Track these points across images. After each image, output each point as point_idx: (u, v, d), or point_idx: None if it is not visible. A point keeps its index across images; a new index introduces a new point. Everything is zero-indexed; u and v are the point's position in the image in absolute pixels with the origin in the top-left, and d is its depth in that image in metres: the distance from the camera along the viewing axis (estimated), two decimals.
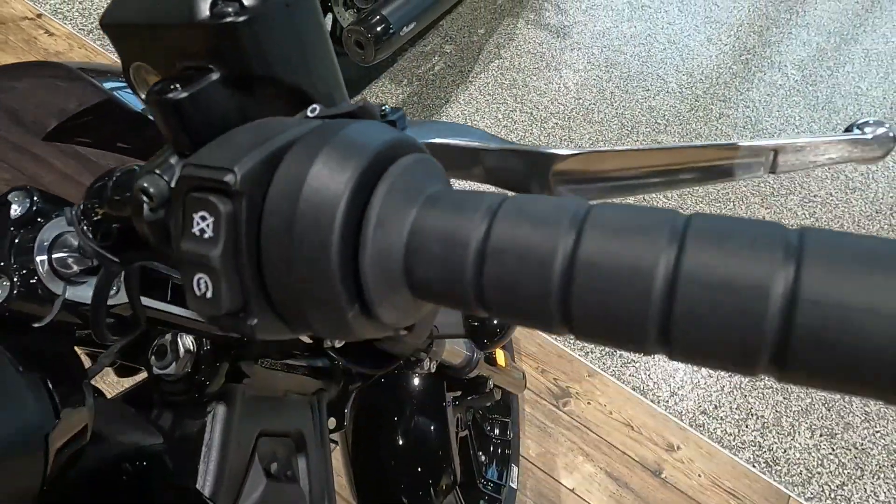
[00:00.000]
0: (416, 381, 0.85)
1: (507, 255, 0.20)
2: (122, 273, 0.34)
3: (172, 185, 0.24)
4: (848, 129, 0.27)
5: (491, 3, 2.60)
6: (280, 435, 0.58)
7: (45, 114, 0.35)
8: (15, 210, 0.32)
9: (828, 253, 0.17)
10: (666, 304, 0.17)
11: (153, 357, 0.46)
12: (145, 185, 0.23)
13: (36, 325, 0.33)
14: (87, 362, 0.42)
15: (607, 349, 1.61)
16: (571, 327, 0.19)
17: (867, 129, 0.26)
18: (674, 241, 0.18)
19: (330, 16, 1.92)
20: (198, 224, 0.21)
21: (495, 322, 0.61)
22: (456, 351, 0.77)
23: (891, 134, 0.26)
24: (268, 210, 0.21)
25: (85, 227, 0.29)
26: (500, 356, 0.91)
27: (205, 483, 0.47)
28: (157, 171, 0.24)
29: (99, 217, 0.28)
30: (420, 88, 2.24)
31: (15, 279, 0.31)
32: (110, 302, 0.35)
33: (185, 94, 0.23)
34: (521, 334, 1.61)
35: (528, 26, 2.54)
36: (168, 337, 0.46)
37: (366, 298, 0.21)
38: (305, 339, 0.58)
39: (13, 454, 0.31)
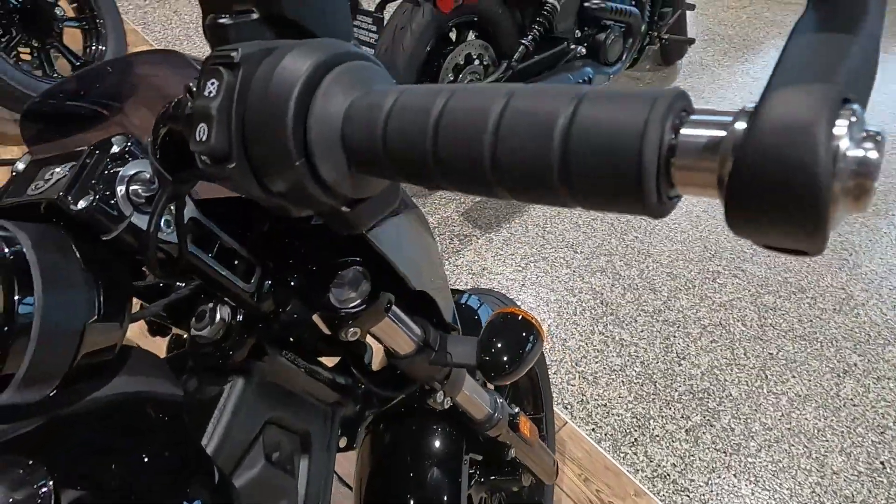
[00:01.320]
0: (435, 428, 0.85)
1: (402, 118, 0.26)
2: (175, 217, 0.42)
3: None
4: None
5: None
6: (288, 429, 0.61)
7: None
8: (114, 148, 0.41)
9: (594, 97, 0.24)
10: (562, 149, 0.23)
11: (193, 319, 0.52)
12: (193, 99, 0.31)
13: (104, 236, 0.40)
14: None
15: (659, 470, 1.50)
16: (497, 178, 0.25)
17: None
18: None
19: None
20: (208, 88, 0.28)
21: (504, 358, 0.63)
22: (477, 403, 0.78)
23: None
24: (254, 80, 0.28)
25: (152, 151, 0.37)
26: (525, 426, 0.90)
27: (209, 442, 0.51)
28: None
29: (162, 138, 0.36)
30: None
31: (97, 195, 0.39)
32: (164, 237, 0.42)
33: (230, 22, 0.32)
34: (568, 436, 1.55)
35: None
36: (209, 305, 0.52)
37: (309, 152, 0.28)
38: (330, 362, 0.63)
39: (57, 327, 0.37)
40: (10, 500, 0.38)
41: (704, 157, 0.22)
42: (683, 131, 0.22)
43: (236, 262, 0.50)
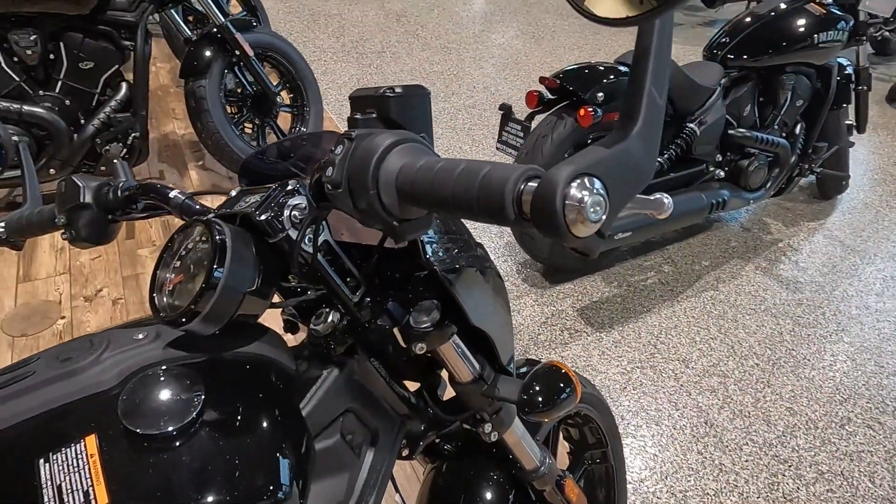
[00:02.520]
0: (488, 474, 0.95)
1: (423, 173, 0.45)
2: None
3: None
4: None
5: (724, 243, 2.73)
6: (363, 422, 0.77)
7: None
8: (289, 187, 0.64)
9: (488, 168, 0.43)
10: None
11: (314, 318, 0.72)
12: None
13: (271, 240, 0.62)
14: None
15: None
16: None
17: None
18: None
19: None
20: (338, 149, 0.49)
21: (539, 399, 0.74)
22: (525, 449, 0.88)
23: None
24: (359, 147, 0.48)
25: (308, 188, 0.58)
26: (573, 492, 0.96)
27: (304, 407, 0.69)
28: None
29: (315, 181, 0.57)
30: (627, 293, 2.41)
31: (272, 213, 0.62)
32: (305, 248, 0.63)
33: (361, 117, 0.54)
34: None
35: (757, 271, 2.57)
36: (326, 309, 0.72)
37: (378, 188, 0.47)
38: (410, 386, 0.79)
39: (231, 288, 0.59)
40: (179, 396, 0.59)
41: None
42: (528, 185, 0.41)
43: (348, 279, 0.70)
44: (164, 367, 0.61)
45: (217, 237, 0.60)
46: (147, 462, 0.55)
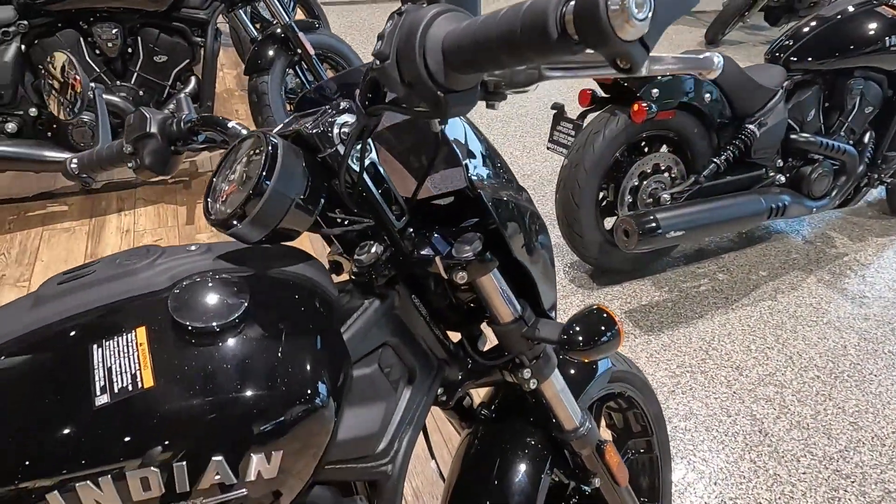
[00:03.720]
0: (526, 436, 0.93)
1: (465, 34, 0.46)
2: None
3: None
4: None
5: (783, 254, 2.62)
6: (401, 358, 0.77)
7: None
8: (341, 106, 0.66)
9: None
10: None
11: (357, 248, 0.73)
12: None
13: (319, 155, 0.64)
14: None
15: None
16: None
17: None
18: None
19: None
20: (387, 26, 0.51)
21: (580, 339, 0.72)
22: (565, 407, 0.86)
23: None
24: (407, 19, 0.49)
25: (359, 95, 0.60)
26: (613, 459, 0.93)
27: (344, 333, 0.70)
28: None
29: (366, 85, 0.59)
30: (677, 298, 2.33)
31: (322, 129, 0.63)
32: (352, 165, 0.65)
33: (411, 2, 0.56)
34: None
35: (820, 284, 2.45)
36: (370, 242, 0.73)
37: (424, 55, 0.47)
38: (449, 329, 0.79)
39: (278, 197, 0.61)
40: (225, 299, 0.61)
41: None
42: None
43: (393, 206, 0.70)
44: (212, 274, 0.63)
45: (268, 146, 0.62)
46: (191, 352, 0.57)
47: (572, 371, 1.01)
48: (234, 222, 0.61)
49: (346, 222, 0.73)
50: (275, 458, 0.57)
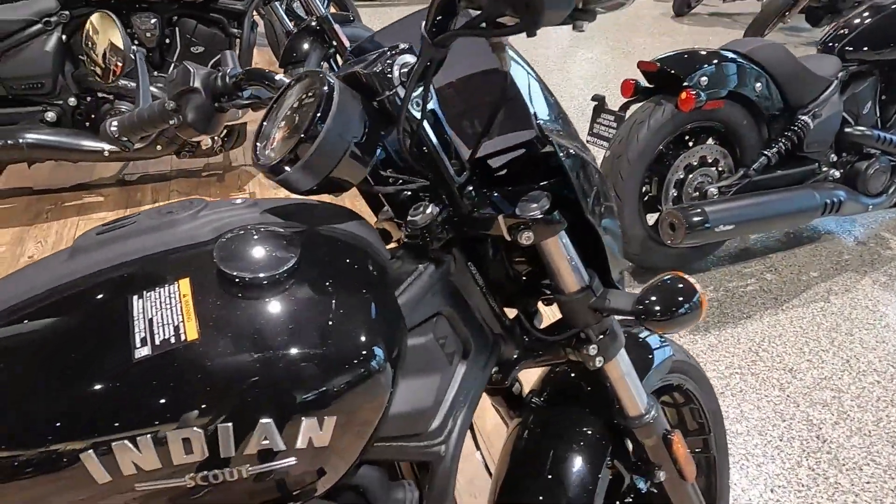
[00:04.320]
0: (580, 427, 0.85)
1: None
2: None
3: None
4: None
5: (835, 255, 2.49)
6: (455, 330, 0.71)
7: None
8: (399, 48, 0.60)
9: None
10: None
11: (411, 209, 0.68)
12: None
13: (377, 98, 0.59)
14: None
15: None
16: None
17: None
18: None
19: None
20: None
21: (658, 308, 0.65)
22: (631, 391, 0.79)
23: None
24: None
25: (426, 25, 0.54)
26: (681, 452, 0.85)
27: (398, 297, 0.64)
28: None
29: (434, 11, 0.53)
30: (724, 297, 2.23)
31: (381, 69, 0.58)
32: (413, 112, 0.59)
33: None
34: None
35: (875, 286, 2.32)
36: (425, 203, 0.68)
37: None
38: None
39: (331, 143, 0.56)
40: (274, 252, 0.55)
41: None
42: None
43: (453, 160, 0.65)
44: (259, 227, 0.58)
45: (324, 87, 0.57)
46: (238, 305, 0.52)
47: (631, 356, 0.94)
48: (285, 167, 0.56)
49: (398, 182, 0.68)
50: (327, 424, 0.51)
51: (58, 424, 0.47)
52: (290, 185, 0.58)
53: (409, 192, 0.69)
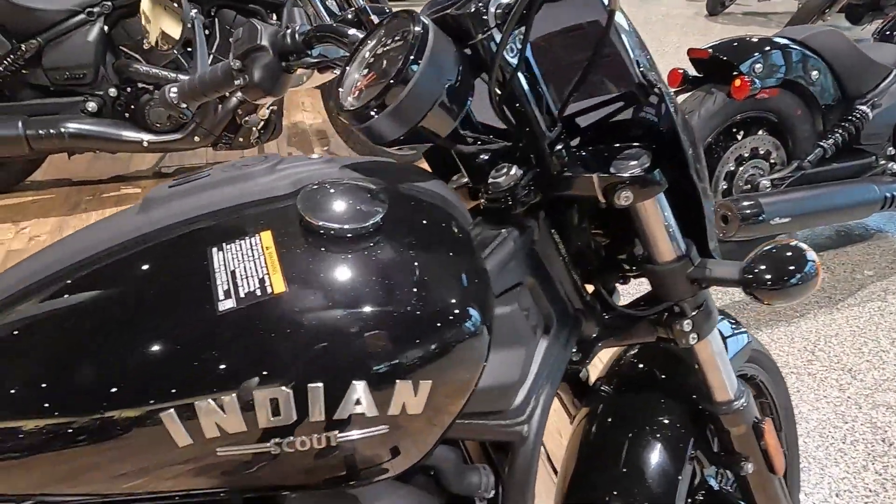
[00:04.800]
0: (658, 415, 0.79)
1: None
2: None
3: None
4: None
5: (890, 254, 2.38)
6: (537, 302, 0.66)
7: None
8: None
9: None
10: None
11: (493, 172, 0.63)
12: None
13: (470, 42, 0.55)
14: None
15: None
16: None
17: None
18: None
19: None
20: None
21: (768, 277, 0.59)
22: (721, 374, 0.73)
23: None
24: None
25: None
26: (772, 443, 0.78)
27: (485, 262, 0.59)
28: None
29: None
30: None
31: (474, 8, 0.54)
32: (507, 57, 0.55)
33: None
34: None
35: None
36: (508, 164, 0.63)
37: None
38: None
39: (421, 89, 0.51)
40: (359, 206, 0.51)
41: None
42: None
43: (545, 113, 0.60)
44: (342, 180, 0.54)
45: (417, 28, 0.53)
46: (327, 258, 0.48)
47: None
48: (372, 113, 0.52)
49: (479, 141, 0.64)
50: (422, 389, 0.47)
51: (138, 384, 0.43)
52: (374, 134, 0.54)
53: (488, 156, 0.65)
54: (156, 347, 0.44)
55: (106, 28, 2.33)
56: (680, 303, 0.66)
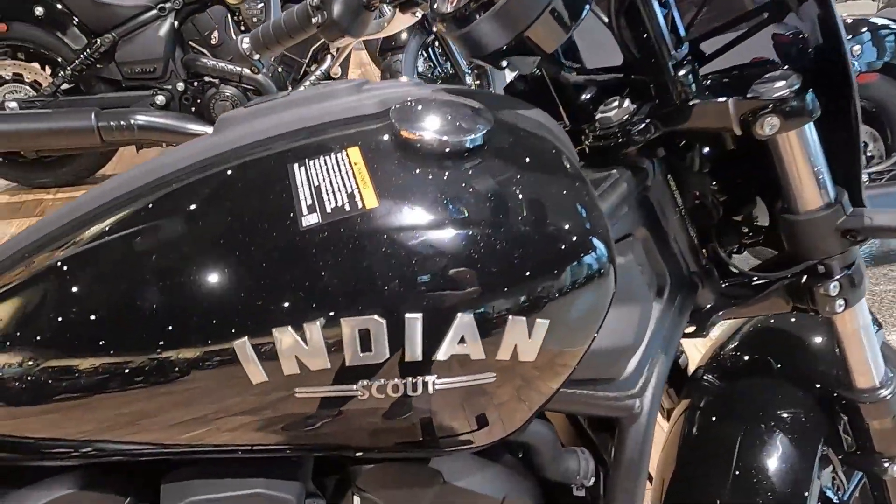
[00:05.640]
0: (779, 405, 0.68)
1: None
2: None
3: None
4: None
5: None
6: (649, 258, 0.58)
7: None
8: None
9: None
10: None
11: (602, 106, 0.55)
12: None
13: None
14: None
15: None
16: None
17: None
18: None
19: None
20: None
21: None
22: (866, 354, 0.61)
23: None
24: None
25: None
26: None
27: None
28: None
29: None
30: (870, 302, 1.95)
31: None
32: None
33: None
34: None
35: None
36: (618, 97, 0.55)
37: None
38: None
39: None
40: (459, 122, 0.44)
41: None
42: None
43: (670, 31, 0.52)
44: (439, 98, 0.47)
45: None
46: (425, 174, 0.41)
47: None
48: (475, 14, 0.45)
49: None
50: (538, 330, 0.39)
51: (208, 313, 0.37)
52: (473, 42, 0.47)
53: (593, 93, 0.57)
54: (227, 271, 0.38)
55: (176, 24, 2.39)
56: (825, 261, 0.55)
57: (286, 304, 0.36)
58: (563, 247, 0.39)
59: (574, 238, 0.40)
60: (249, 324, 0.37)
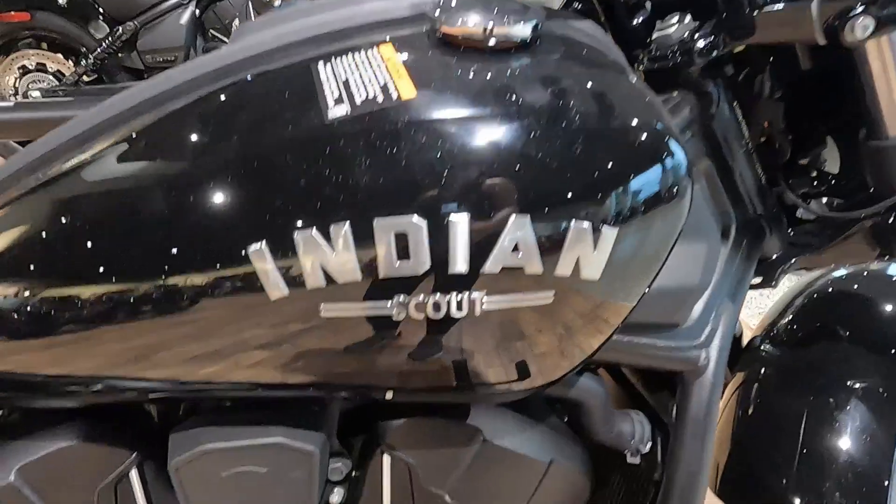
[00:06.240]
0: (857, 373, 0.60)
1: None
2: None
3: None
4: None
5: None
6: (714, 196, 0.52)
7: None
8: None
9: None
10: None
11: (657, 24, 0.49)
12: None
13: None
14: None
15: None
16: None
17: None
18: None
19: None
20: None
21: None
22: None
23: None
24: None
25: None
26: None
27: None
28: None
29: None
30: None
31: None
32: None
33: None
34: None
35: None
36: (674, 14, 0.49)
37: None
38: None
39: None
40: (507, 17, 0.39)
41: None
42: None
43: None
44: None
45: None
46: (471, 64, 0.35)
47: None
48: None
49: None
50: (603, 241, 0.33)
51: (220, 217, 0.32)
52: None
53: (647, 14, 0.51)
54: (241, 170, 0.33)
55: (197, 12, 2.37)
56: None
57: (309, 204, 0.31)
58: (637, 143, 0.34)
59: (649, 135, 0.34)
60: (267, 227, 0.31)
